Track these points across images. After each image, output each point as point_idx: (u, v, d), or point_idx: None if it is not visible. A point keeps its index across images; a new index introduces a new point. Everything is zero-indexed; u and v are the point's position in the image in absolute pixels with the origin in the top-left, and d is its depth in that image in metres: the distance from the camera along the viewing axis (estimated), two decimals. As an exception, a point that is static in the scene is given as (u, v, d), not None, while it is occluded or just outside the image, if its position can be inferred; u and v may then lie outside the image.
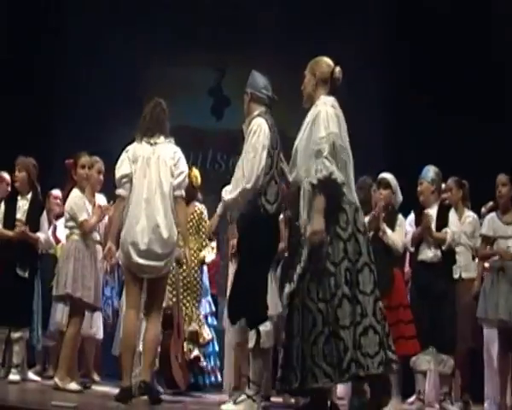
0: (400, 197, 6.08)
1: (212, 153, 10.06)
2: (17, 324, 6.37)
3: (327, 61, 4.88)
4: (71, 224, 6.01)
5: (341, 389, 6.12)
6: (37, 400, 5.27)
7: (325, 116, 4.61)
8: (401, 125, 9.13)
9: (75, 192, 6.06)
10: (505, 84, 8.67)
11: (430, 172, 6.18)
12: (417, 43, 9.13)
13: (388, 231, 5.86)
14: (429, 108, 8.88)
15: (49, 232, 7.00)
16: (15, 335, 6.38)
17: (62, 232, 6.71)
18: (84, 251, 5.98)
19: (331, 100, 4.75)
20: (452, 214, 6.12)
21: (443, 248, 5.93)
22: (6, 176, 7.11)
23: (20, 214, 6.48)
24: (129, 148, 5.29)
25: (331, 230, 4.48)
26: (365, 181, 6.05)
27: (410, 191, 6.23)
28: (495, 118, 8.53)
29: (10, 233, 6.40)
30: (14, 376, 6.27)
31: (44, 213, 6.71)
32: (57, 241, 7.22)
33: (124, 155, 5.27)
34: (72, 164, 6.12)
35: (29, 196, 6.57)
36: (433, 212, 6.09)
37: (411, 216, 6.27)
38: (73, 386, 5.81)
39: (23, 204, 6.53)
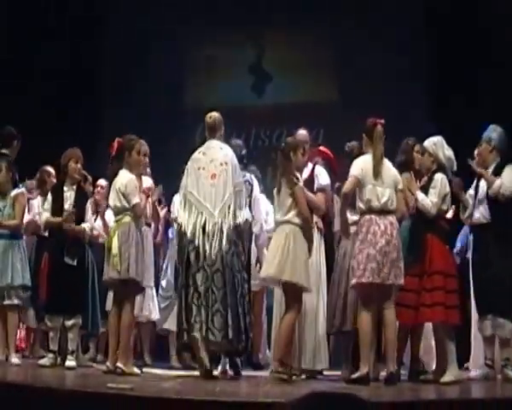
0: (443, 157, 5.85)
1: (255, 130, 10.10)
2: (70, 311, 6.36)
3: None
4: (123, 205, 5.90)
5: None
6: (93, 383, 5.26)
7: None
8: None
9: (127, 174, 5.97)
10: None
11: (488, 130, 6.12)
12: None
13: (420, 195, 5.80)
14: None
15: (97, 221, 7.17)
16: (69, 322, 6.38)
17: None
18: (138, 233, 5.93)
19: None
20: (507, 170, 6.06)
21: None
22: (51, 170, 7.21)
23: (68, 205, 6.47)
24: None
25: None
26: (407, 143, 6.12)
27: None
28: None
29: (58, 219, 6.40)
30: (70, 362, 6.29)
31: (88, 202, 6.76)
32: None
33: None
34: (122, 144, 6.02)
35: (75, 186, 6.57)
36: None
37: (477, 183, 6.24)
38: (136, 370, 5.88)
39: (70, 195, 6.51)
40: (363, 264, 5.44)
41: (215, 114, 6.05)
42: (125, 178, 5.95)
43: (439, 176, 5.81)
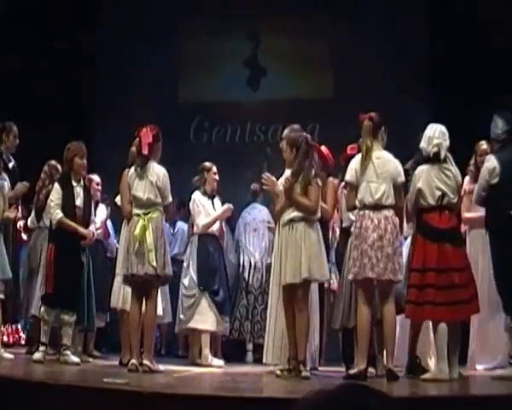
0: (424, 147, 5.64)
1: (250, 125, 10.02)
2: (73, 307, 6.23)
3: None
4: (157, 199, 5.79)
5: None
6: (90, 378, 5.27)
7: None
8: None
9: (160, 167, 5.86)
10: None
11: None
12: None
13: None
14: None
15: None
16: (71, 318, 6.22)
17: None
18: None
19: None
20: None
21: None
22: (58, 165, 7.01)
23: (79, 202, 6.33)
24: None
25: None
26: None
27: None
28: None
29: (75, 226, 6.23)
30: (74, 358, 6.20)
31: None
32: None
33: None
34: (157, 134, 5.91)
35: (81, 182, 6.43)
36: None
37: None
38: (160, 368, 5.79)
39: (79, 191, 6.35)
40: (359, 260, 5.41)
41: (257, 191, 7.85)
42: (160, 170, 5.84)
43: (420, 168, 5.65)
